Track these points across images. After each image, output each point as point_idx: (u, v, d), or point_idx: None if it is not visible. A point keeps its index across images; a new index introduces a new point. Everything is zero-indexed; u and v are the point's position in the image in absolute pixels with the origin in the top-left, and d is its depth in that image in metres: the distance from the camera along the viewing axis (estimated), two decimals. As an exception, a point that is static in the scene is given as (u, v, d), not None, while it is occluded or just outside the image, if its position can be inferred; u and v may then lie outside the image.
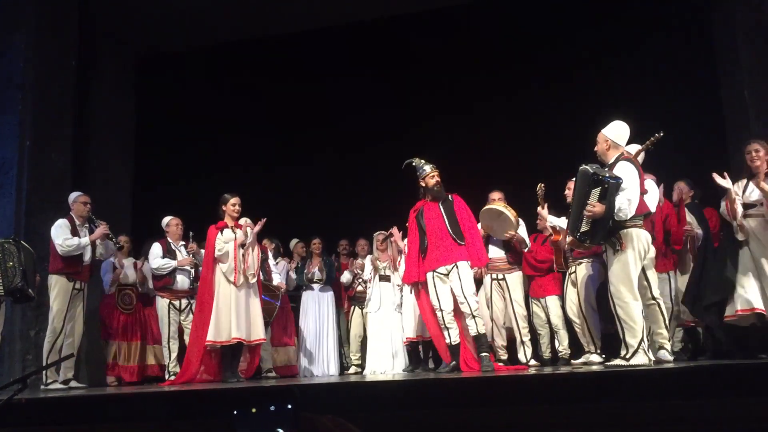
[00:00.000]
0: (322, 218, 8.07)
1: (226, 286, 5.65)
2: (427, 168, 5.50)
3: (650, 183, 5.00)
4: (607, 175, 4.22)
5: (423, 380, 4.74)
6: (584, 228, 4.32)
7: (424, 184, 5.51)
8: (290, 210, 8.21)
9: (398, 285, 6.70)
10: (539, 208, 5.73)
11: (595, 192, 4.22)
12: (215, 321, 5.57)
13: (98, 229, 5.97)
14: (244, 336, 5.59)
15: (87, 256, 5.94)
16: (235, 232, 5.76)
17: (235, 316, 5.58)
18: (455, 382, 4.16)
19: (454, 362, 5.33)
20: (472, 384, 4.03)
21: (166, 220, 6.50)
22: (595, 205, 4.22)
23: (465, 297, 5.19)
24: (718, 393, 3.24)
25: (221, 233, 5.77)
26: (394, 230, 6.45)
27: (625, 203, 4.22)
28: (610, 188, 4.17)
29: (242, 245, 5.71)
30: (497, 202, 5.95)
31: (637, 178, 4.31)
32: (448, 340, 5.29)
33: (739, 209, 4.66)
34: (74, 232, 5.88)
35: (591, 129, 4.66)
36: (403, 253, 6.23)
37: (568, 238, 4.76)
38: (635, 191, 4.27)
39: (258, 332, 5.72)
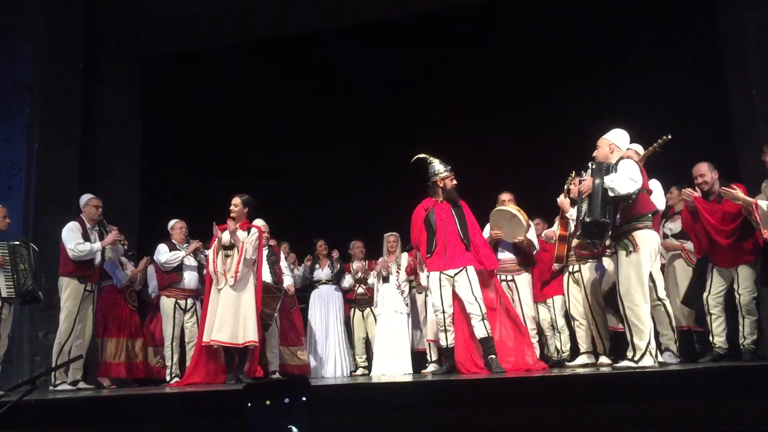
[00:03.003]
0: (327, 220, 8.08)
1: (215, 289, 5.66)
2: (442, 168, 5.43)
3: (655, 183, 4.96)
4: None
5: (431, 382, 4.74)
6: (585, 212, 4.34)
7: (442, 185, 5.41)
8: (294, 211, 8.23)
9: (399, 288, 6.70)
10: (561, 197, 5.52)
11: (585, 175, 4.44)
12: (208, 321, 5.60)
13: (110, 234, 5.99)
14: (226, 339, 5.48)
15: (98, 259, 5.97)
16: (229, 232, 5.73)
17: (219, 318, 5.52)
18: (464, 384, 4.16)
19: (448, 364, 5.33)
20: (481, 385, 4.02)
21: (171, 222, 6.55)
22: (585, 180, 4.37)
23: (476, 299, 5.16)
24: (724, 395, 3.22)
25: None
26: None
27: (616, 182, 4.21)
28: (597, 167, 4.35)
29: (228, 247, 5.67)
30: (508, 204, 5.92)
31: (636, 170, 4.29)
32: (444, 343, 5.30)
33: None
34: (85, 235, 5.88)
35: (599, 130, 4.65)
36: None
37: (575, 241, 4.77)
38: (631, 175, 4.24)
39: (248, 335, 5.56)
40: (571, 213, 5.25)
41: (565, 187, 5.48)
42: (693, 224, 5.31)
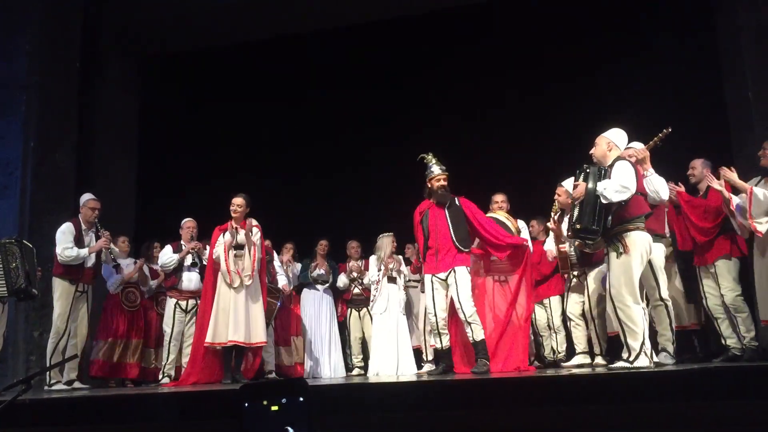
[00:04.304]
0: (326, 220, 8.07)
1: (225, 289, 5.68)
2: (436, 169, 5.42)
3: (659, 179, 4.94)
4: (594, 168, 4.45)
5: (427, 382, 4.74)
6: (576, 218, 4.37)
7: (429, 185, 5.44)
8: (294, 211, 8.22)
9: (404, 287, 6.71)
10: (552, 224, 5.56)
11: (580, 178, 4.47)
12: (214, 322, 5.61)
13: (99, 241, 5.95)
14: (242, 339, 5.58)
15: (90, 262, 5.94)
16: (232, 233, 5.75)
17: (233, 318, 5.58)
18: (460, 384, 4.16)
19: (443, 364, 5.35)
20: (477, 385, 4.03)
21: (183, 221, 6.57)
22: (577, 185, 4.40)
23: (461, 303, 5.18)
24: (721, 395, 3.23)
25: (223, 235, 5.79)
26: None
27: (608, 190, 4.21)
28: (591, 172, 4.37)
29: (237, 246, 5.68)
30: (498, 211, 5.92)
31: (631, 174, 4.30)
32: (439, 345, 5.33)
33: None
34: (78, 237, 5.86)
35: (595, 131, 4.66)
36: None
37: (576, 242, 4.78)
38: (623, 181, 4.24)
39: (259, 334, 5.70)
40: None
41: (552, 215, 5.55)
42: (676, 219, 5.35)
